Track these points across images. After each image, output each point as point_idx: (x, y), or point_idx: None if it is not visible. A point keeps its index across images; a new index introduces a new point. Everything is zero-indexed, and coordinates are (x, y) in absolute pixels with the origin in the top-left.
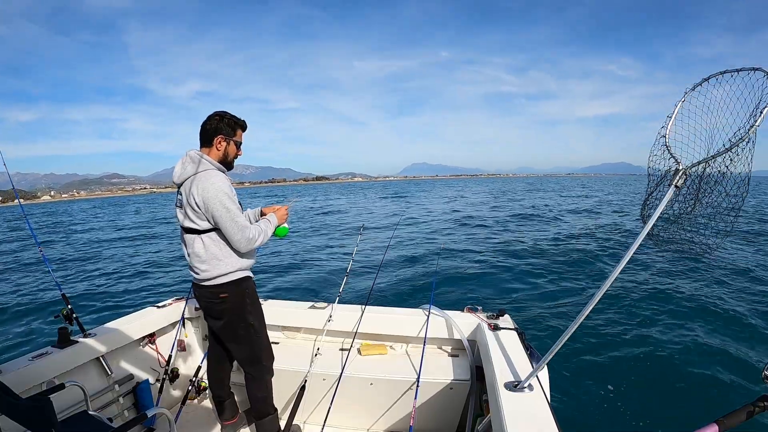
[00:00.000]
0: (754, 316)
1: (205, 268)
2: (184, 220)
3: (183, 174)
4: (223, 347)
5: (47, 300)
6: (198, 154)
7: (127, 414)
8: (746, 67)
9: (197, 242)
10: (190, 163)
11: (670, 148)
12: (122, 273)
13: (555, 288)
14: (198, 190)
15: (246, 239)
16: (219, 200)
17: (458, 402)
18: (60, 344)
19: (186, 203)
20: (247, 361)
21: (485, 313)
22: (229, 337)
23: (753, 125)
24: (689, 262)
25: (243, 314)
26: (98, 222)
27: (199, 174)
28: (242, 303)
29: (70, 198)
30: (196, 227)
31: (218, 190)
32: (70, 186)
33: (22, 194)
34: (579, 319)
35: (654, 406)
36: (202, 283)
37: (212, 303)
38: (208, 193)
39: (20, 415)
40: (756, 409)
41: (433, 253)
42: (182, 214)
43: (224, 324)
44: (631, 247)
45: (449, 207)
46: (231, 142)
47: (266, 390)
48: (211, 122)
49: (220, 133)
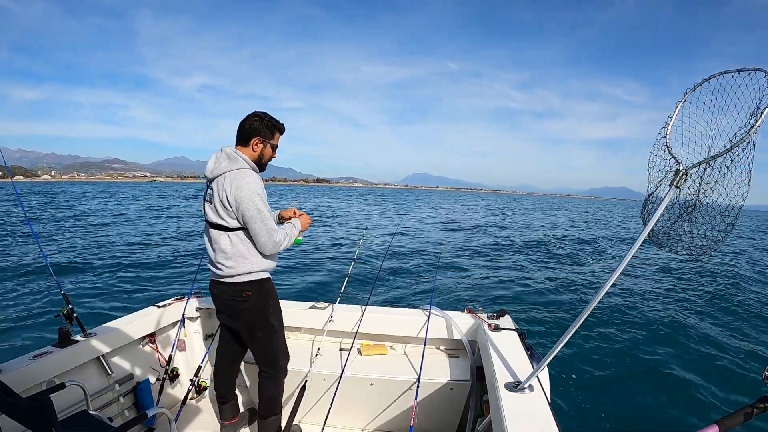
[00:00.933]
0: (754, 318)
1: (230, 264)
2: (213, 216)
3: (217, 169)
4: (235, 347)
5: (48, 299)
6: (235, 152)
7: (127, 414)
8: (747, 68)
9: (224, 239)
10: (226, 159)
11: (670, 149)
12: (122, 272)
13: (556, 289)
14: (231, 188)
15: (273, 242)
16: (252, 201)
17: (458, 402)
18: (60, 344)
19: (217, 199)
20: (264, 361)
21: (486, 314)
22: (249, 336)
23: (753, 126)
24: (690, 263)
25: (265, 315)
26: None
27: (234, 171)
28: (265, 303)
29: (70, 179)
30: (224, 224)
31: (252, 191)
32: (71, 167)
33: (22, 171)
34: (580, 319)
35: (654, 406)
36: (225, 280)
37: (234, 301)
38: (242, 192)
39: (20, 414)
40: (756, 411)
41: (434, 254)
42: (212, 209)
43: (244, 323)
44: (632, 248)
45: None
46: (268, 144)
47: (279, 389)
48: (250, 122)
49: (258, 134)
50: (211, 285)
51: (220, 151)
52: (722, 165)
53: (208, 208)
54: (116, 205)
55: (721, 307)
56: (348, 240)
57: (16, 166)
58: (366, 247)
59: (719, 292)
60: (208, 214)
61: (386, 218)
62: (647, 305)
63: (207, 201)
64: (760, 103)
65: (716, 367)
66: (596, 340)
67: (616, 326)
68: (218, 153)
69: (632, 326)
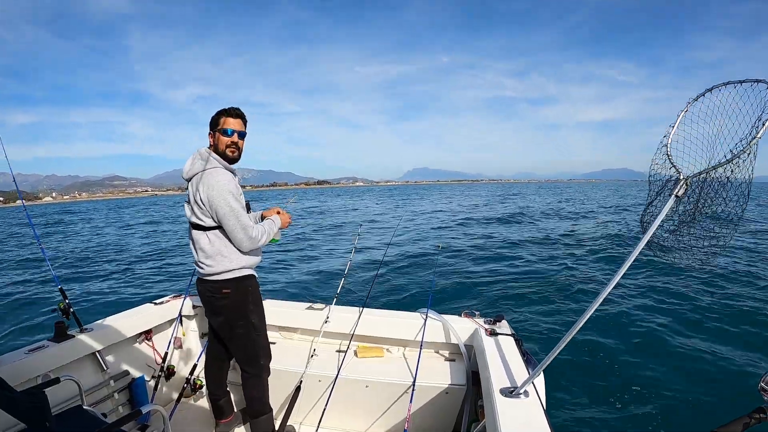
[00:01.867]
0: (751, 326)
1: (210, 263)
2: (191, 215)
3: (191, 170)
4: (222, 345)
5: (45, 294)
6: (207, 152)
7: (121, 410)
8: (749, 79)
9: (203, 238)
10: (199, 159)
11: (671, 157)
12: (120, 269)
13: (553, 295)
14: (204, 188)
15: (249, 238)
16: (224, 198)
17: (453, 407)
18: (56, 338)
19: (192, 199)
20: (244, 359)
21: (482, 318)
22: (228, 334)
23: (755, 137)
24: (686, 270)
25: (245, 312)
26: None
27: (206, 171)
28: (244, 300)
29: (72, 200)
30: (201, 224)
31: (223, 189)
32: (72, 187)
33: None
34: (576, 326)
35: (650, 416)
36: (206, 278)
37: (214, 298)
38: (213, 191)
39: (15, 408)
40: (752, 421)
41: (431, 257)
42: (189, 209)
43: (224, 320)
44: (630, 255)
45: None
46: (217, 132)
47: (262, 389)
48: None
49: (210, 129)
50: (197, 284)
51: (195, 152)
52: (722, 176)
53: (187, 209)
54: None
55: (716, 317)
56: (344, 239)
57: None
58: (364, 248)
59: (715, 300)
60: (188, 215)
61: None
62: (644, 313)
63: (186, 201)
64: (761, 115)
65: (712, 377)
66: (593, 347)
67: (613, 333)
68: (194, 154)
69: (629, 334)
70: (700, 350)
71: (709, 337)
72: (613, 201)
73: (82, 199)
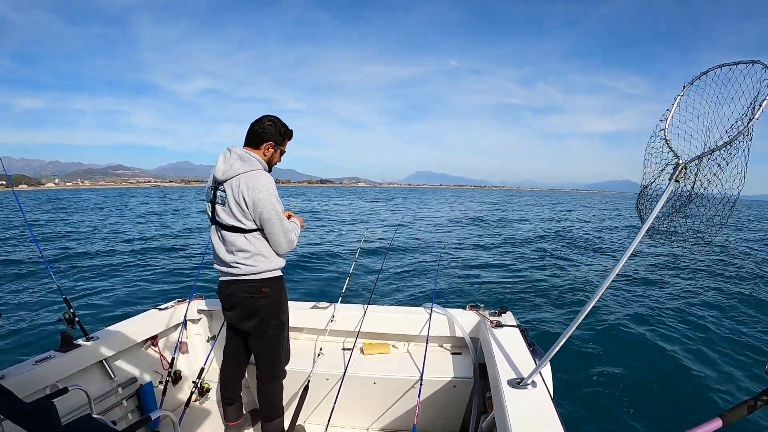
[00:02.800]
0: (757, 311)
1: (251, 263)
2: (228, 218)
3: (229, 171)
4: (244, 347)
5: (49, 304)
6: (248, 154)
7: (130, 417)
8: (744, 60)
9: (240, 239)
10: (239, 160)
11: (669, 142)
12: (124, 276)
13: (557, 284)
14: (249, 191)
15: (288, 242)
16: (270, 202)
17: (461, 400)
18: (63, 348)
19: (233, 201)
20: (270, 360)
21: (487, 311)
22: (260, 334)
23: (752, 118)
24: (691, 258)
25: (279, 312)
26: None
27: (249, 173)
28: (280, 300)
29: (74, 186)
30: (241, 226)
31: (270, 193)
32: (75, 175)
33: (26, 180)
34: (581, 315)
35: (657, 401)
36: (244, 278)
37: (252, 299)
38: (260, 194)
39: (24, 419)
40: (759, 403)
41: (435, 252)
42: (225, 212)
43: (259, 321)
44: (632, 243)
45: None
46: (278, 150)
47: (280, 391)
48: (263, 126)
49: (270, 139)
50: (223, 286)
51: (228, 152)
52: (720, 158)
53: (221, 211)
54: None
55: (723, 301)
56: (349, 237)
57: (21, 174)
58: (367, 247)
59: (721, 285)
60: (221, 217)
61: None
62: (650, 299)
63: (219, 204)
64: (758, 96)
65: (719, 361)
66: (599, 335)
67: (618, 321)
68: (227, 153)
69: (635, 321)
70: (707, 335)
71: (716, 322)
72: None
73: (85, 186)
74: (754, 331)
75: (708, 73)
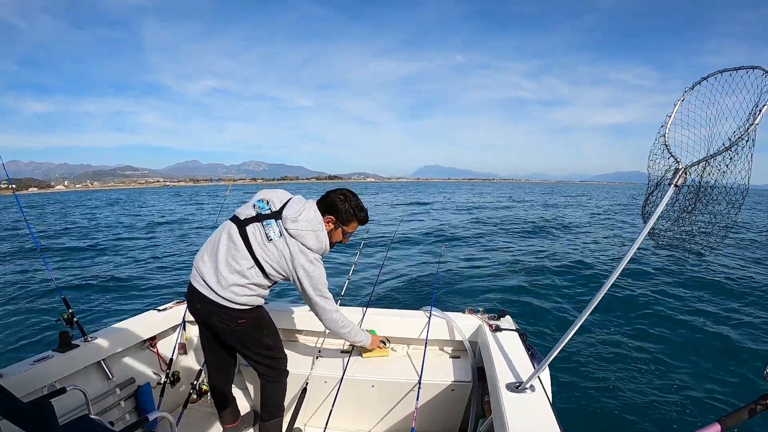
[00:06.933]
0: (756, 315)
1: (237, 290)
2: (261, 252)
3: (299, 222)
4: (222, 355)
5: (48, 304)
6: (322, 224)
7: (128, 418)
8: (745, 66)
9: (246, 263)
10: (309, 223)
11: (669, 148)
12: (123, 275)
13: (556, 288)
14: (303, 261)
15: (331, 320)
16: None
17: (460, 403)
18: (61, 348)
19: (276, 253)
20: (263, 371)
21: (486, 315)
22: (242, 353)
23: (752, 123)
24: (691, 262)
25: (259, 337)
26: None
27: (308, 252)
28: (259, 326)
29: (84, 188)
30: (264, 267)
31: (321, 281)
32: (84, 176)
33: (36, 183)
34: (580, 319)
35: (656, 406)
36: (219, 301)
37: (226, 326)
38: (311, 280)
39: (21, 419)
40: (758, 408)
41: (435, 255)
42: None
43: (239, 344)
44: (632, 246)
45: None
46: (340, 229)
47: (282, 392)
48: (333, 198)
49: (334, 214)
50: (193, 294)
51: (313, 207)
52: (721, 163)
53: (259, 242)
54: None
55: (722, 306)
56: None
57: (30, 177)
58: (367, 249)
59: (720, 290)
60: (253, 245)
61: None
62: (648, 304)
63: (266, 235)
64: (758, 101)
65: (718, 365)
66: (597, 340)
67: (617, 326)
68: (310, 206)
69: (633, 325)
70: (706, 339)
71: (715, 326)
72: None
73: (94, 188)
74: (753, 335)
75: (708, 79)
